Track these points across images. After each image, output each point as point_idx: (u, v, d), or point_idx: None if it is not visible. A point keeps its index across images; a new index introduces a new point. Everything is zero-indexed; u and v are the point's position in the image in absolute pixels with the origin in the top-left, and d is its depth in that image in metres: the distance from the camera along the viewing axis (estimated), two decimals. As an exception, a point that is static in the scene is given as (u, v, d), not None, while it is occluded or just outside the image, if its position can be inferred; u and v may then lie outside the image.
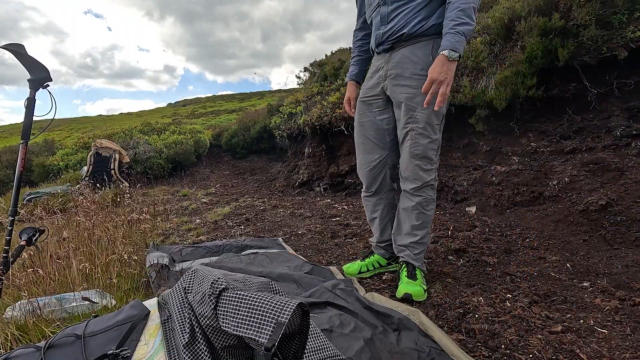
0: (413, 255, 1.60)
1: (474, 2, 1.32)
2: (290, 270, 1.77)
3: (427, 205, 1.57)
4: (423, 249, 1.62)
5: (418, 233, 1.58)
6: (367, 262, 1.82)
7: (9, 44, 1.57)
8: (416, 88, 1.45)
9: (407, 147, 1.53)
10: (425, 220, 1.59)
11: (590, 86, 2.31)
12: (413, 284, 1.52)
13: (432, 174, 1.53)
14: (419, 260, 1.61)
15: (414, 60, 1.47)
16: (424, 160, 1.50)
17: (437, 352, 1.10)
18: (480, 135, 2.95)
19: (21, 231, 1.77)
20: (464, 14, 1.29)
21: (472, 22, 1.31)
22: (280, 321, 0.72)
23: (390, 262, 1.84)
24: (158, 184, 6.09)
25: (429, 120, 1.46)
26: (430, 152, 1.49)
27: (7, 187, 7.41)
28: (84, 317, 1.46)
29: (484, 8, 3.62)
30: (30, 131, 1.67)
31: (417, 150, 1.50)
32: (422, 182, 1.53)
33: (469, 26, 1.30)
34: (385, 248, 1.82)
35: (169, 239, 2.76)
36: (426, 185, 1.54)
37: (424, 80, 1.36)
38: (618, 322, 1.26)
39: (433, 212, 1.60)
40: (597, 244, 1.94)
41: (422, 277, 1.59)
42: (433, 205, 1.59)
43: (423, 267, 1.63)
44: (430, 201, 1.57)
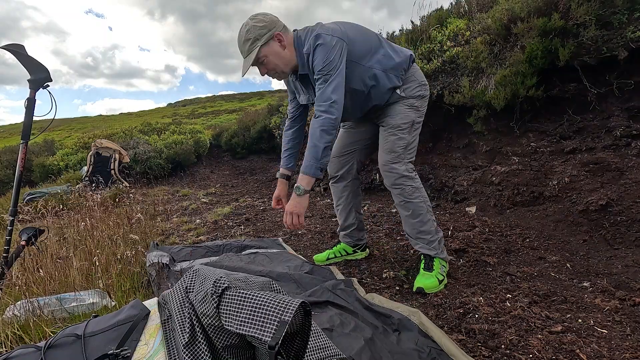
0: (425, 245, 1.66)
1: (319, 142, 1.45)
2: (290, 270, 1.77)
3: (410, 195, 1.63)
4: (434, 238, 1.65)
5: (415, 223, 1.66)
6: (334, 250, 2.04)
7: (9, 44, 1.57)
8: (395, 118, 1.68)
9: (380, 145, 1.70)
10: (415, 209, 1.64)
11: (590, 86, 2.31)
12: (428, 276, 1.59)
13: (401, 166, 1.62)
14: (433, 249, 1.65)
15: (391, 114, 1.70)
16: (392, 154, 1.63)
17: (437, 352, 1.10)
18: (480, 136, 2.95)
19: (21, 231, 1.78)
20: (309, 154, 1.48)
21: (316, 162, 1.47)
22: (283, 320, 0.72)
23: (355, 250, 2.04)
24: (158, 184, 6.09)
25: (398, 123, 1.65)
26: (397, 147, 1.63)
27: (7, 187, 7.41)
28: (84, 317, 1.46)
29: (483, 8, 3.62)
30: (30, 131, 1.67)
31: (386, 146, 1.66)
32: (395, 175, 1.63)
33: (312, 168, 1.47)
34: (350, 235, 2.00)
35: (169, 239, 2.77)
36: (400, 177, 1.62)
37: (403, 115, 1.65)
38: (618, 322, 1.26)
39: (422, 199, 1.64)
40: (597, 244, 1.94)
41: (441, 266, 1.64)
42: (419, 193, 1.64)
43: (442, 255, 1.66)
44: (411, 191, 1.63)
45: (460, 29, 3.56)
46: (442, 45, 3.54)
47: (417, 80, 1.67)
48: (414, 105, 1.65)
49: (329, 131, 1.46)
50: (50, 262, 1.82)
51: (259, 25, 1.47)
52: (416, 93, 1.66)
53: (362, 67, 1.55)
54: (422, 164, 3.43)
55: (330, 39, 1.46)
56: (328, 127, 1.46)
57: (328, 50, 1.45)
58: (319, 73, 1.47)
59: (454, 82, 3.06)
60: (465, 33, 3.40)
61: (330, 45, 1.45)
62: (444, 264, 1.68)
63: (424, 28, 4.04)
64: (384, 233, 2.42)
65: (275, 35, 1.50)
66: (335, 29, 1.50)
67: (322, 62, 1.45)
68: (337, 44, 1.46)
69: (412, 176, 1.64)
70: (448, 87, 3.06)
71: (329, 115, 1.45)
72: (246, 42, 1.49)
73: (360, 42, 1.55)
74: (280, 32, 1.50)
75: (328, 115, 1.45)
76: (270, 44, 1.49)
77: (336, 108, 1.45)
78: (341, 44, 1.47)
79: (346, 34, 1.51)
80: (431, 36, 3.89)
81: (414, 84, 1.66)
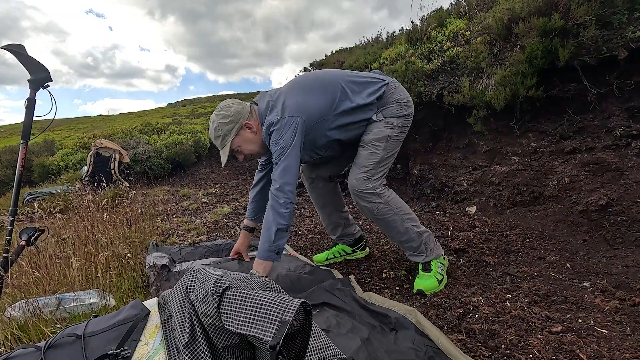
0: (412, 253, 1.66)
1: (272, 224, 1.47)
2: (290, 271, 1.77)
3: (378, 212, 1.58)
4: (417, 243, 1.62)
5: (393, 235, 1.65)
6: (333, 251, 2.04)
7: (10, 44, 1.57)
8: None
9: (354, 160, 1.66)
10: (387, 223, 1.61)
11: (590, 86, 2.31)
12: (426, 277, 1.59)
13: (369, 184, 1.57)
14: (420, 254, 1.63)
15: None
16: (362, 169, 1.59)
17: (433, 350, 1.11)
18: (480, 136, 2.95)
19: (21, 231, 1.77)
20: (263, 237, 1.49)
21: (269, 245, 1.48)
22: (284, 319, 0.72)
23: (355, 249, 2.04)
24: (158, 184, 6.09)
25: (371, 138, 1.62)
26: (368, 162, 1.59)
27: (7, 187, 7.41)
28: (84, 317, 1.46)
29: (483, 8, 3.62)
30: (31, 131, 1.67)
31: (358, 160, 1.63)
32: (361, 193, 1.58)
33: (266, 252, 1.48)
34: (342, 235, 1.99)
35: (169, 239, 2.77)
36: (367, 194, 1.57)
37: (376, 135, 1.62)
38: (618, 322, 1.26)
39: (393, 212, 1.59)
40: (597, 244, 1.94)
41: (439, 265, 1.63)
42: (388, 207, 1.58)
43: (434, 254, 1.64)
44: (379, 208, 1.57)
45: (460, 29, 3.56)
46: (442, 45, 3.54)
47: (397, 101, 1.63)
48: (390, 123, 1.62)
49: (281, 214, 1.46)
50: (49, 262, 1.82)
51: (225, 122, 1.51)
52: (397, 113, 1.62)
53: (329, 120, 1.56)
54: (422, 164, 3.43)
55: (281, 123, 1.47)
56: (278, 209, 1.46)
57: (279, 133, 1.47)
58: (273, 155, 1.51)
59: (454, 82, 3.06)
60: (465, 33, 3.40)
61: (281, 128, 1.47)
62: (442, 261, 1.66)
63: (424, 28, 4.05)
64: (383, 233, 2.42)
65: (244, 125, 1.53)
66: (288, 106, 1.50)
67: (274, 146, 1.49)
68: (290, 123, 1.47)
69: (380, 193, 1.58)
70: (448, 87, 3.06)
71: (277, 199, 1.47)
72: (217, 139, 1.54)
73: (320, 101, 1.54)
74: (247, 120, 1.54)
75: (276, 199, 1.47)
76: (241, 134, 1.54)
77: (283, 191, 1.46)
78: (295, 121, 1.47)
79: (300, 105, 1.51)
80: (431, 36, 3.89)
81: (392, 105, 1.62)
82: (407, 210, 1.64)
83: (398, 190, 3.64)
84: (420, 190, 3.43)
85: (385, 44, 5.06)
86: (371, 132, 1.62)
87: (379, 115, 1.62)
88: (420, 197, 3.38)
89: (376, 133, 1.60)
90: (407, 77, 3.24)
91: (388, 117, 1.62)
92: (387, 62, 3.96)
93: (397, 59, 3.85)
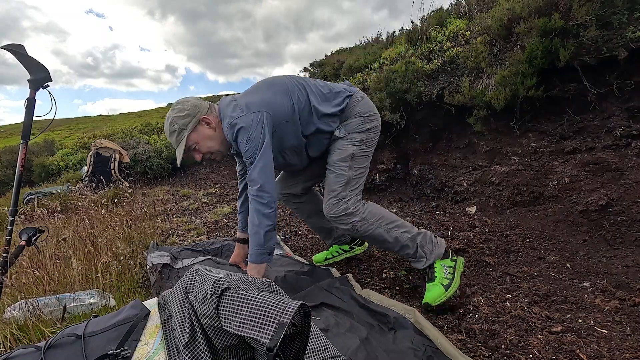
0: (411, 259, 1.56)
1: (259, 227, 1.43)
2: (288, 272, 1.77)
3: (360, 229, 1.52)
4: (413, 248, 1.53)
5: (386, 247, 1.58)
6: (331, 250, 2.03)
7: (9, 44, 1.57)
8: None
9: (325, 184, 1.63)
10: (373, 239, 1.55)
11: (590, 86, 2.31)
12: (431, 287, 1.46)
13: (341, 206, 1.51)
14: (420, 261, 1.53)
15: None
16: (332, 193, 1.54)
17: (432, 350, 1.11)
18: (480, 136, 2.95)
19: (21, 231, 1.77)
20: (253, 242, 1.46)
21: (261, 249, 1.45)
22: (282, 321, 0.72)
23: (353, 246, 2.01)
24: (158, 184, 6.09)
25: (334, 160, 1.58)
26: (336, 185, 1.55)
27: (7, 187, 7.41)
28: (84, 317, 1.46)
29: (483, 8, 3.62)
30: (30, 131, 1.67)
31: (326, 185, 1.60)
32: (336, 216, 1.53)
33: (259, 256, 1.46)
34: (337, 238, 1.99)
35: (169, 239, 2.77)
36: (342, 215, 1.52)
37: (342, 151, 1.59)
38: (618, 322, 1.26)
39: (375, 226, 1.53)
40: (597, 244, 1.94)
41: (444, 268, 1.50)
42: (367, 223, 1.52)
43: (435, 255, 1.52)
44: (359, 225, 1.52)
45: (460, 29, 3.56)
46: (442, 45, 3.54)
47: (359, 114, 1.59)
48: (355, 139, 1.57)
49: (267, 214, 1.43)
50: (49, 262, 1.82)
51: (181, 115, 1.45)
52: (359, 128, 1.58)
53: (291, 122, 1.51)
54: (422, 164, 3.43)
55: (247, 119, 1.42)
56: (263, 210, 1.42)
57: (248, 131, 1.41)
58: (245, 155, 1.44)
59: (454, 82, 3.06)
60: (465, 33, 3.40)
61: (249, 125, 1.41)
62: (447, 263, 1.52)
63: (424, 28, 4.05)
64: (384, 233, 2.42)
65: (202, 120, 1.48)
66: (253, 103, 1.46)
67: (245, 145, 1.42)
68: (257, 119, 1.42)
69: (354, 211, 1.52)
70: (448, 87, 3.06)
71: (260, 200, 1.42)
72: (172, 134, 1.47)
73: (284, 100, 1.50)
74: (206, 115, 1.48)
75: (259, 200, 1.43)
76: (198, 130, 1.47)
77: (265, 190, 1.42)
78: (261, 116, 1.43)
79: (265, 100, 1.47)
80: (431, 36, 3.89)
81: (354, 118, 1.58)
82: (390, 219, 1.56)
83: (398, 190, 3.65)
84: (420, 190, 3.43)
85: (385, 44, 5.06)
86: (335, 153, 1.58)
87: (341, 131, 1.58)
88: (420, 197, 3.38)
89: (340, 153, 1.57)
90: (407, 77, 3.24)
91: (351, 133, 1.57)
92: (387, 62, 3.96)
93: (397, 59, 3.86)
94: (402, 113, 3.28)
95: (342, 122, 1.59)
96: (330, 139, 1.61)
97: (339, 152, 1.57)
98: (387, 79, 3.35)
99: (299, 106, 1.52)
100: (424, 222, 2.54)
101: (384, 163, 3.69)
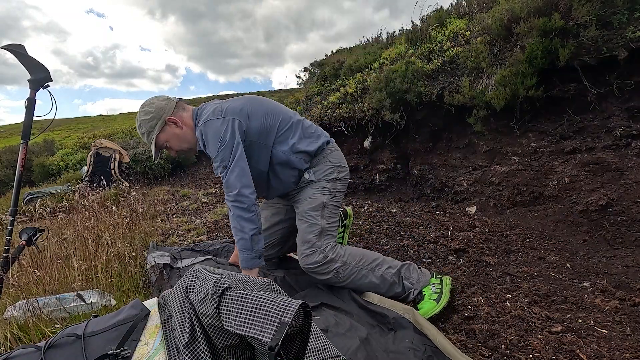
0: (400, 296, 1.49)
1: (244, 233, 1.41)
2: (287, 271, 1.77)
3: (342, 277, 1.47)
4: (399, 289, 1.48)
5: (374, 289, 1.49)
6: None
7: (10, 44, 1.57)
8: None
9: (298, 235, 1.58)
10: (359, 281, 1.47)
11: (590, 86, 2.31)
12: (422, 304, 1.42)
13: (319, 255, 1.46)
14: (409, 293, 1.47)
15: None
16: (306, 244, 1.50)
17: (432, 350, 1.11)
18: (480, 136, 2.95)
19: (21, 231, 1.77)
20: (241, 248, 1.43)
21: (251, 253, 1.42)
22: (283, 321, 0.72)
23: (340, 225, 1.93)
24: (158, 184, 6.09)
25: (306, 209, 1.55)
26: (310, 236, 1.50)
27: (7, 187, 7.41)
28: (84, 317, 1.46)
29: (483, 8, 3.62)
30: (31, 131, 1.67)
31: (299, 235, 1.54)
32: (314, 267, 1.47)
33: (250, 261, 1.43)
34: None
35: (169, 239, 2.77)
36: (320, 265, 1.46)
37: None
38: (618, 322, 1.26)
39: (355, 270, 1.48)
40: (597, 244, 1.94)
41: (431, 287, 1.46)
42: (347, 267, 1.47)
43: (419, 287, 1.47)
44: (341, 272, 1.47)
45: (460, 29, 3.56)
46: (442, 45, 3.54)
47: (330, 162, 1.59)
48: (325, 188, 1.56)
49: (249, 219, 1.40)
50: (50, 262, 1.82)
51: (147, 119, 1.48)
52: (328, 176, 1.58)
53: (260, 144, 1.50)
54: (422, 164, 3.43)
55: (219, 123, 1.42)
56: (245, 215, 1.39)
57: (218, 136, 1.40)
58: (216, 160, 1.42)
59: (454, 82, 3.06)
60: (465, 33, 3.41)
61: (219, 130, 1.40)
62: (434, 281, 1.48)
63: (424, 28, 4.05)
64: (383, 233, 2.42)
65: (168, 120, 1.49)
66: (229, 108, 1.46)
67: (216, 150, 1.41)
68: (227, 125, 1.41)
69: (334, 257, 1.47)
70: (448, 87, 3.06)
71: (240, 205, 1.39)
72: (143, 136, 1.52)
73: (262, 120, 1.50)
74: (171, 115, 1.49)
75: (239, 205, 1.39)
76: (166, 130, 1.50)
77: (244, 194, 1.39)
78: (232, 123, 1.42)
79: (243, 110, 1.47)
80: (431, 36, 3.90)
81: (326, 165, 1.59)
82: (371, 257, 1.51)
83: (398, 190, 3.65)
84: (420, 190, 3.43)
85: (386, 44, 5.06)
86: (306, 202, 1.55)
87: (311, 175, 1.58)
88: (420, 197, 3.38)
89: (311, 202, 1.54)
90: (407, 77, 3.24)
91: (320, 180, 1.57)
92: (387, 62, 3.96)
93: (397, 59, 3.86)
94: (402, 113, 3.28)
95: (312, 166, 1.59)
96: (300, 179, 1.59)
97: (310, 201, 1.55)
98: (387, 79, 3.35)
99: (281, 132, 1.53)
100: (424, 222, 2.54)
101: (384, 163, 3.69)
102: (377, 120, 3.49)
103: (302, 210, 1.56)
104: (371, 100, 3.48)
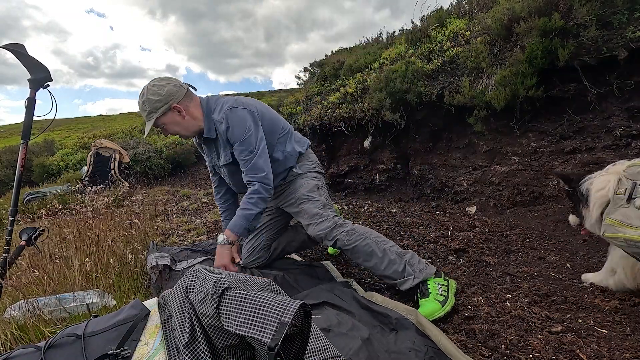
0: (401, 280, 1.47)
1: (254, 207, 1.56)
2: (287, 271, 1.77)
3: (349, 241, 1.52)
4: (399, 268, 1.46)
5: (372, 263, 1.51)
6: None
7: (10, 43, 1.57)
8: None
9: (302, 223, 1.71)
10: (361, 251, 1.50)
11: (590, 86, 2.31)
12: (425, 302, 1.37)
13: (329, 222, 1.57)
14: (408, 279, 1.45)
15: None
16: (315, 217, 1.61)
17: (434, 351, 1.10)
18: (480, 136, 2.95)
19: (21, 231, 1.78)
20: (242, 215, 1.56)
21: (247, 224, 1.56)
22: (283, 321, 0.72)
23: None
24: (158, 184, 6.09)
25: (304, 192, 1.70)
26: (316, 209, 1.63)
27: (7, 187, 7.41)
28: (84, 317, 1.46)
29: (483, 8, 3.62)
30: (31, 131, 1.67)
31: (305, 216, 1.66)
32: (326, 232, 1.57)
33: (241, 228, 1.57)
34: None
35: (169, 239, 2.76)
36: (331, 229, 1.56)
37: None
38: (618, 322, 1.26)
39: (363, 237, 1.52)
40: (597, 244, 1.94)
41: (438, 285, 1.42)
42: (356, 233, 1.53)
43: (426, 273, 1.45)
44: (348, 236, 1.53)
45: (460, 29, 3.56)
46: (442, 45, 3.54)
47: (312, 161, 1.82)
48: (313, 177, 1.76)
49: (266, 199, 1.57)
50: (50, 262, 1.82)
51: (154, 99, 1.49)
52: (313, 170, 1.79)
53: (267, 142, 1.63)
54: (422, 164, 3.43)
55: (244, 112, 1.56)
56: (265, 195, 1.56)
57: (245, 124, 1.54)
58: (241, 146, 1.54)
59: (454, 82, 3.06)
60: (465, 33, 3.40)
61: (246, 118, 1.55)
62: (441, 282, 1.44)
63: (424, 28, 4.05)
64: (384, 233, 2.42)
65: (173, 107, 1.52)
66: (248, 102, 1.62)
67: (242, 135, 1.53)
68: (253, 116, 1.58)
69: (343, 223, 1.57)
70: (448, 87, 3.06)
71: (266, 186, 1.56)
72: (143, 112, 1.53)
73: (269, 120, 1.68)
74: (178, 104, 1.52)
75: (265, 186, 1.56)
76: (167, 115, 1.53)
77: (270, 179, 1.57)
78: (254, 115, 1.58)
79: (257, 108, 1.64)
80: (431, 36, 3.90)
81: (309, 162, 1.80)
82: (379, 235, 1.57)
83: (398, 190, 3.65)
84: (420, 190, 3.43)
85: (386, 44, 5.06)
86: (301, 188, 1.71)
87: (298, 169, 1.77)
88: (420, 197, 3.38)
89: (306, 186, 1.70)
90: (407, 77, 3.24)
91: (306, 172, 1.77)
92: (387, 62, 3.96)
93: (397, 59, 3.86)
94: (402, 113, 3.28)
95: (298, 162, 1.79)
96: (288, 175, 1.76)
97: (305, 186, 1.71)
98: (387, 79, 3.35)
99: (278, 134, 1.71)
100: (424, 222, 2.54)
101: (384, 163, 3.69)
102: (377, 120, 3.49)
103: (300, 195, 1.69)
104: (371, 100, 3.48)
